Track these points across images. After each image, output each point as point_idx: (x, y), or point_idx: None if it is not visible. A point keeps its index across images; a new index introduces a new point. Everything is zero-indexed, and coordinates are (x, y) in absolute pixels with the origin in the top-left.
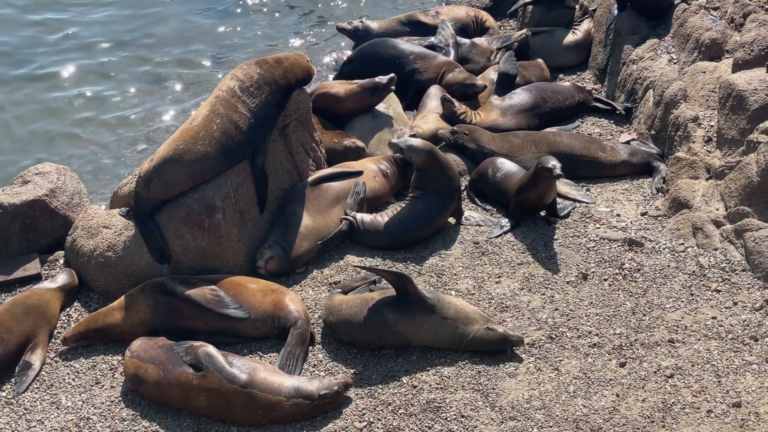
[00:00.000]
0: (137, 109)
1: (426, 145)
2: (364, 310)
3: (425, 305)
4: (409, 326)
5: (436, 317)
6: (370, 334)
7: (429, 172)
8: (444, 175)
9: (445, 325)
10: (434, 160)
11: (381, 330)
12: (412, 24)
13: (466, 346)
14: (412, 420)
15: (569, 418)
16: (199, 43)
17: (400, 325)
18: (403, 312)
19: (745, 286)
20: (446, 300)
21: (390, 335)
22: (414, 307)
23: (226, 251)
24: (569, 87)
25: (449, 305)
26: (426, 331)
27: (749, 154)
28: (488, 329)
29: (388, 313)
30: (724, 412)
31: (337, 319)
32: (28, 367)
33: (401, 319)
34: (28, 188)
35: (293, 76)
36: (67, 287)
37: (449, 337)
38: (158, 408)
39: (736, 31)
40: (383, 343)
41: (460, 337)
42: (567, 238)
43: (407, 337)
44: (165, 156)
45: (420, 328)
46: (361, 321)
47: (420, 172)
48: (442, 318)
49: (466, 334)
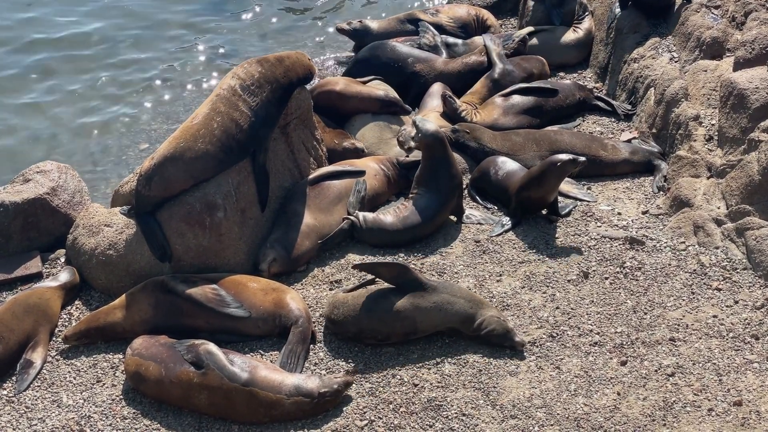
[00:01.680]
0: (138, 107)
1: (440, 131)
2: (371, 298)
3: (431, 287)
4: (418, 309)
5: (445, 296)
6: (378, 321)
7: (434, 162)
8: (448, 169)
9: (456, 304)
10: (443, 150)
11: (389, 316)
12: (411, 23)
13: (475, 330)
14: (413, 418)
15: (570, 416)
16: (200, 42)
17: (409, 310)
18: (412, 295)
19: (746, 285)
20: (454, 284)
21: (398, 320)
22: (421, 289)
23: (227, 249)
24: (570, 85)
25: (458, 287)
26: (436, 311)
27: (750, 153)
28: (499, 318)
29: (395, 298)
30: (725, 411)
31: (344, 310)
32: (29, 365)
33: (409, 303)
34: (29, 186)
35: (294, 74)
36: (68, 285)
37: (460, 317)
38: (159, 406)
39: (737, 29)
40: (391, 331)
41: (472, 317)
42: (568, 237)
43: (416, 322)
44: (166, 154)
45: (429, 309)
46: (368, 309)
47: (426, 162)
48: (451, 296)
49: (478, 315)
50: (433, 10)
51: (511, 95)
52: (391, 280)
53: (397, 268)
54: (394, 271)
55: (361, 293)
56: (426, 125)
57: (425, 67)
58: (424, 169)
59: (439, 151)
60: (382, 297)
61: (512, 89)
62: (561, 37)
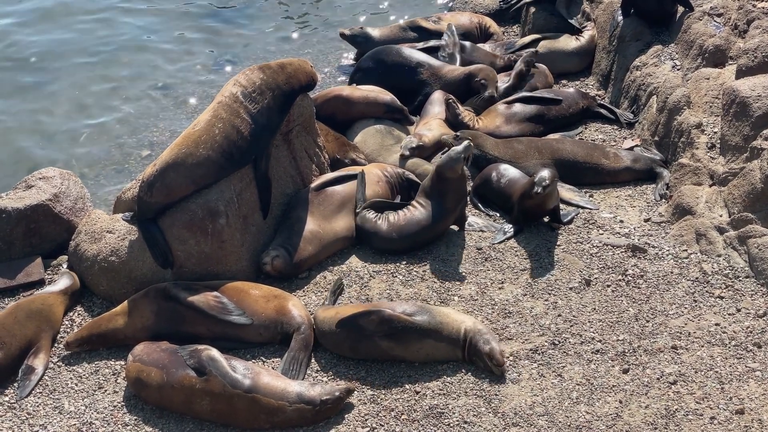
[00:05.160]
0: (141, 114)
1: (462, 164)
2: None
3: (416, 332)
4: (404, 352)
5: (429, 342)
6: (364, 356)
7: (446, 184)
8: (457, 190)
9: (440, 348)
10: (461, 181)
11: (375, 354)
12: (413, 30)
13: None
14: (414, 426)
15: (572, 424)
16: (202, 49)
17: (396, 351)
18: (397, 341)
19: (748, 293)
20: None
21: (386, 357)
22: (406, 336)
23: (229, 256)
24: (574, 93)
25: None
26: (423, 354)
27: (753, 161)
28: (474, 360)
29: (380, 341)
30: (727, 419)
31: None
32: (31, 371)
33: (396, 347)
34: (31, 193)
35: (296, 81)
36: (69, 290)
37: (446, 357)
38: (161, 413)
39: (739, 37)
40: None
41: (458, 355)
42: (570, 244)
43: (405, 357)
44: (168, 160)
45: (416, 353)
46: (352, 346)
47: (437, 178)
48: (435, 342)
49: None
50: (435, 18)
51: (514, 103)
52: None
53: (378, 320)
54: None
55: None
56: (454, 156)
57: (430, 73)
58: (434, 183)
59: (457, 181)
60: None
61: (515, 97)
62: (563, 44)
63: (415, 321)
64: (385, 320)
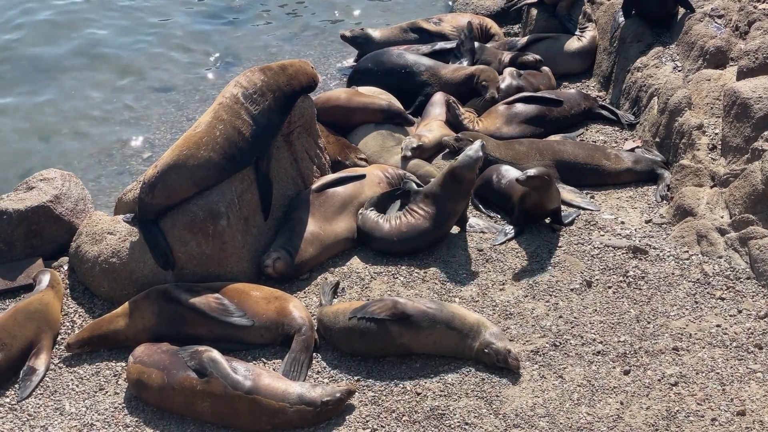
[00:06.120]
0: (141, 116)
1: (480, 163)
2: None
3: (428, 318)
4: (414, 339)
5: (440, 328)
6: (372, 347)
7: (455, 189)
8: (468, 193)
9: (450, 336)
10: (473, 183)
11: (383, 343)
12: (414, 32)
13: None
14: (415, 427)
15: (573, 425)
16: (203, 50)
17: (405, 338)
18: (408, 326)
19: (749, 294)
20: (449, 310)
21: (393, 347)
22: (417, 320)
23: (230, 258)
24: (575, 95)
25: (453, 317)
26: (431, 342)
27: (754, 162)
28: (486, 352)
29: (390, 326)
30: (728, 421)
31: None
32: (32, 372)
33: (406, 333)
34: (32, 194)
35: (298, 83)
36: (54, 282)
37: (454, 349)
38: (162, 414)
39: (740, 38)
40: (385, 354)
41: (466, 349)
42: (571, 246)
43: (411, 348)
44: (169, 162)
45: (425, 339)
46: (362, 334)
47: (445, 181)
48: (446, 328)
49: (471, 347)
50: (436, 19)
51: (515, 104)
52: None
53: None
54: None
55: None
56: (476, 155)
57: (431, 75)
58: (441, 187)
59: (467, 183)
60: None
61: (516, 97)
62: (565, 45)
63: (428, 307)
64: (400, 304)
